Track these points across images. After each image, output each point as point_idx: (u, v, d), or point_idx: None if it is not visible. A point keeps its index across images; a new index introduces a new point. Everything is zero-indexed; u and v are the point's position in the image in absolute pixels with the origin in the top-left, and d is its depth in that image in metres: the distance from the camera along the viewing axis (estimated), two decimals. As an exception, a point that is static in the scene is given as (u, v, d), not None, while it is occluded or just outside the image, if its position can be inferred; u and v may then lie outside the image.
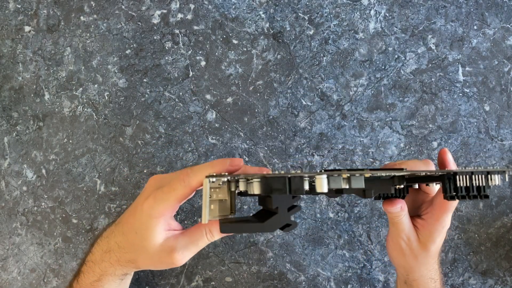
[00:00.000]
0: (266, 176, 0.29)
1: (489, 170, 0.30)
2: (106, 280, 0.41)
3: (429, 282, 0.47)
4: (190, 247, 0.38)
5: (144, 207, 0.38)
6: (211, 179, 0.29)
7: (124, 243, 0.39)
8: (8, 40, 0.61)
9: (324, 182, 0.29)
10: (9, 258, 0.58)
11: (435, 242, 0.44)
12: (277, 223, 0.30)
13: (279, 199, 0.30)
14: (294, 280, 0.59)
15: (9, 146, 0.60)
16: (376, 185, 0.34)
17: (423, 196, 0.46)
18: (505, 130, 0.62)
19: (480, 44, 0.63)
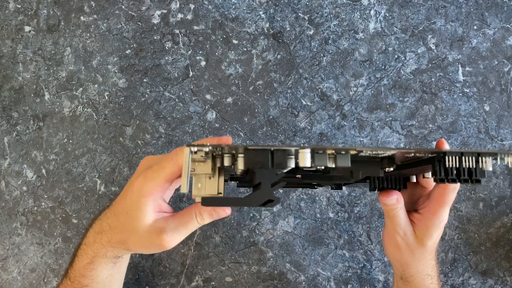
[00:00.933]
0: (249, 148, 0.29)
1: (479, 152, 0.30)
2: (98, 262, 0.41)
3: (425, 278, 0.46)
4: (180, 229, 0.37)
5: (134, 186, 0.37)
6: (192, 148, 0.29)
7: (115, 224, 0.39)
8: (8, 40, 0.61)
9: (308, 157, 0.28)
10: (9, 258, 0.58)
11: (432, 237, 0.43)
12: (260, 198, 0.29)
13: (262, 174, 0.30)
14: (294, 280, 0.59)
15: (9, 146, 0.60)
16: (365, 167, 0.33)
17: (420, 191, 0.45)
18: (505, 130, 0.62)
19: (480, 44, 0.63)
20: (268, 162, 0.28)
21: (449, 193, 0.42)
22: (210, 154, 0.31)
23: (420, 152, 0.30)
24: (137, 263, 0.58)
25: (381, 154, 0.31)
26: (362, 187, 0.61)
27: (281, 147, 0.28)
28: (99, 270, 0.41)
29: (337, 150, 0.29)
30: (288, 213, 0.60)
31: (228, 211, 0.38)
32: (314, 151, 0.29)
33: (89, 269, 0.41)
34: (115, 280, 0.44)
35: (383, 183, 0.42)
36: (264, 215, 0.60)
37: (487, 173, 0.30)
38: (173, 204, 0.60)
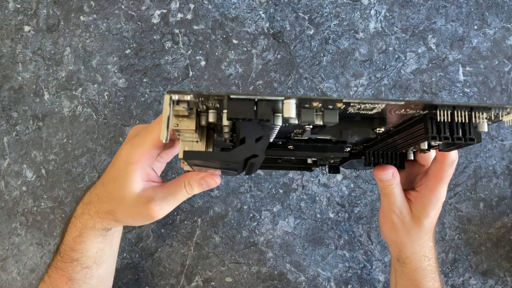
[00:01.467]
0: (232, 97, 0.27)
1: (472, 105, 0.28)
2: (86, 234, 0.40)
3: (422, 259, 0.44)
4: (168, 199, 0.36)
5: (121, 154, 0.36)
6: (172, 96, 0.27)
7: (103, 193, 0.38)
8: (8, 40, 0.61)
9: (293, 107, 0.27)
10: (8, 259, 0.58)
11: (429, 215, 0.42)
12: (244, 152, 0.28)
13: (247, 128, 0.28)
14: (294, 280, 0.59)
15: (8, 146, 0.60)
16: (354, 126, 0.32)
17: (418, 169, 0.44)
18: (505, 130, 0.62)
19: (480, 44, 0.63)
20: (251, 112, 0.27)
21: (446, 168, 0.40)
22: (194, 110, 0.30)
23: (409, 104, 0.28)
24: (136, 263, 0.58)
25: (370, 107, 0.29)
26: (363, 188, 0.60)
27: (266, 96, 0.27)
28: (88, 243, 0.40)
29: (324, 102, 0.28)
30: (288, 213, 0.60)
31: (218, 180, 0.37)
32: (300, 102, 0.28)
33: (78, 242, 0.40)
34: (106, 256, 0.42)
35: (378, 158, 0.40)
36: (264, 215, 0.60)
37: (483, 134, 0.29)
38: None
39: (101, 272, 0.42)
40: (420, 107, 0.29)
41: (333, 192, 0.61)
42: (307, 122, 0.28)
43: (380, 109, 0.29)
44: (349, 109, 0.29)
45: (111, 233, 0.41)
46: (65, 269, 0.41)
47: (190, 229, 0.59)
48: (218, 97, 0.27)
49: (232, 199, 0.60)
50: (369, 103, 0.28)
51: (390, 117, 0.31)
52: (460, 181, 0.61)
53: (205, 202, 0.60)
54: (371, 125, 0.32)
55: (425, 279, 0.44)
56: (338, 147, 0.38)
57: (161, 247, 0.59)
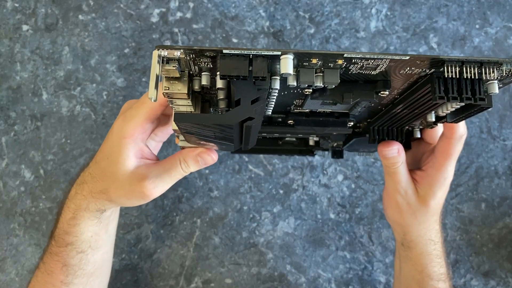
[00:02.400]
0: (224, 52, 0.25)
1: (482, 60, 0.26)
2: (80, 216, 0.38)
3: (428, 243, 0.42)
4: (163, 177, 0.35)
5: (114, 129, 0.35)
6: (161, 51, 0.25)
7: (96, 171, 0.36)
8: (6, 39, 0.61)
9: (290, 62, 0.25)
10: (6, 259, 0.58)
11: (436, 196, 0.40)
12: (239, 115, 0.26)
13: (241, 88, 0.26)
14: (294, 281, 0.58)
15: (6, 146, 0.59)
16: (357, 89, 0.30)
17: (424, 147, 0.42)
18: (507, 130, 0.61)
19: (482, 43, 0.62)
20: (246, 69, 0.25)
21: (455, 143, 0.38)
22: (186, 72, 0.28)
23: (415, 60, 0.26)
24: (135, 264, 0.58)
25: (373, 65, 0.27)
26: (364, 189, 0.60)
27: (261, 51, 0.25)
28: (83, 226, 0.38)
29: (324, 56, 0.26)
30: (289, 214, 0.60)
31: (215, 156, 0.35)
32: (299, 57, 0.26)
33: (72, 225, 0.38)
34: (102, 241, 0.41)
35: (383, 135, 0.39)
36: (264, 216, 0.59)
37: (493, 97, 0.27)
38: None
39: (97, 258, 0.41)
40: (426, 64, 0.27)
41: (333, 193, 0.60)
42: (306, 83, 0.27)
43: (383, 67, 0.28)
44: (351, 68, 0.28)
45: (106, 215, 0.40)
46: (60, 254, 0.39)
47: (189, 230, 0.59)
48: (210, 52, 0.25)
49: (232, 200, 0.59)
50: (371, 58, 0.26)
51: (394, 80, 0.30)
52: (462, 181, 0.61)
53: (205, 202, 0.59)
54: (374, 88, 0.30)
55: (431, 264, 0.43)
56: (340, 121, 0.37)
57: (160, 248, 0.58)
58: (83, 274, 0.40)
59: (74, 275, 0.40)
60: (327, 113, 0.37)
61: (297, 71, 0.27)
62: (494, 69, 0.26)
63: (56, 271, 0.40)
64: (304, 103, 0.33)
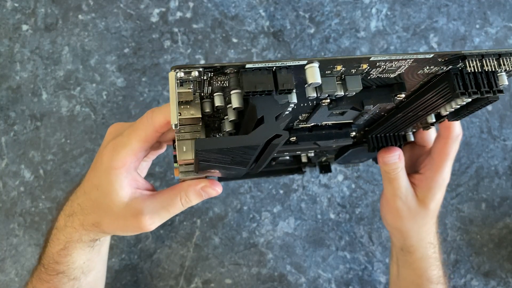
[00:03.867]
0: (247, 67, 0.24)
1: (500, 52, 0.26)
2: (72, 247, 0.36)
3: (428, 247, 0.43)
4: (160, 213, 0.33)
5: (103, 158, 0.32)
6: (178, 72, 0.24)
7: (86, 203, 0.34)
8: (6, 39, 0.61)
9: (317, 71, 0.24)
10: (6, 260, 0.58)
11: (435, 198, 0.40)
12: (265, 133, 0.24)
13: (264, 105, 0.25)
14: (294, 282, 0.58)
15: (6, 146, 0.59)
16: (374, 95, 0.30)
17: (419, 151, 0.43)
18: (507, 130, 0.61)
19: (482, 43, 0.62)
20: (271, 82, 0.24)
21: (451, 143, 0.39)
22: (197, 95, 0.27)
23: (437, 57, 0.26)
24: (135, 264, 0.58)
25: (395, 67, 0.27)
26: (364, 189, 0.60)
27: (286, 62, 0.24)
28: (75, 256, 0.37)
29: (349, 61, 0.25)
30: (289, 214, 0.59)
31: (219, 189, 0.33)
32: (323, 65, 0.25)
33: (63, 255, 0.37)
34: (95, 263, 0.39)
35: (382, 142, 0.39)
36: (264, 216, 0.59)
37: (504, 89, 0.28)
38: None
39: (90, 279, 0.40)
40: (445, 61, 0.27)
41: (334, 193, 0.60)
42: (329, 92, 0.26)
43: (404, 69, 0.28)
44: (372, 72, 0.27)
45: (99, 242, 0.38)
46: (51, 281, 0.38)
47: (189, 230, 0.59)
48: (232, 67, 0.24)
49: (232, 200, 0.59)
50: (396, 60, 0.26)
51: (408, 81, 0.30)
52: (462, 181, 0.61)
53: (205, 202, 0.59)
54: (391, 92, 0.30)
55: (430, 268, 0.43)
56: (343, 133, 0.37)
57: (160, 248, 0.58)
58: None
59: None
60: (330, 125, 0.37)
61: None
62: (510, 60, 0.27)
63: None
64: (310, 116, 0.32)
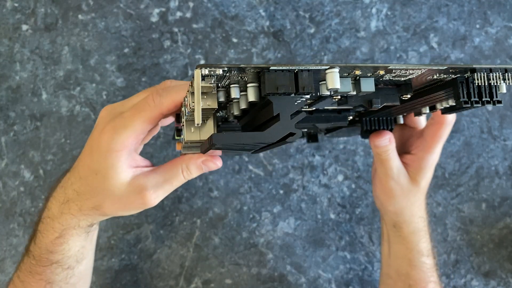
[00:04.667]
0: (270, 69, 0.25)
1: (507, 67, 0.28)
2: (69, 235, 0.36)
3: (419, 221, 0.45)
4: (164, 186, 0.33)
5: (101, 141, 0.31)
6: (203, 70, 0.24)
7: (84, 188, 0.33)
8: (6, 39, 0.61)
9: (337, 77, 0.25)
10: (6, 259, 0.58)
11: (426, 176, 0.43)
12: (280, 131, 0.25)
13: (281, 104, 0.26)
14: (294, 282, 0.58)
15: (6, 146, 0.59)
16: (383, 94, 0.31)
17: (409, 132, 0.45)
18: (508, 130, 0.61)
19: (482, 43, 0.62)
20: (292, 85, 0.25)
21: (445, 127, 0.41)
22: (215, 86, 0.27)
23: (450, 68, 0.28)
24: (135, 264, 0.58)
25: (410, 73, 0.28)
26: (364, 189, 0.60)
27: (308, 66, 0.25)
28: (71, 243, 0.36)
29: (364, 69, 0.26)
30: (289, 214, 0.59)
31: (219, 163, 0.34)
32: (341, 70, 0.26)
33: (58, 244, 0.36)
34: (87, 252, 0.39)
35: (374, 125, 0.41)
36: (264, 216, 0.59)
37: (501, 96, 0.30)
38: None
39: (82, 268, 0.39)
40: (455, 72, 0.29)
41: (334, 193, 0.60)
42: (344, 93, 0.27)
43: (415, 75, 0.29)
44: (386, 76, 0.29)
45: (94, 228, 0.38)
46: (43, 273, 0.37)
47: (189, 230, 0.59)
48: (256, 69, 0.25)
49: (231, 200, 0.59)
50: (412, 69, 0.27)
51: (415, 82, 0.31)
52: (462, 181, 0.61)
53: (205, 203, 0.59)
54: (398, 92, 0.31)
55: (421, 240, 0.45)
56: (342, 117, 0.38)
57: (160, 248, 0.58)
58: (67, 287, 0.39)
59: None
60: (330, 109, 0.38)
61: None
62: None
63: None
64: (314, 104, 0.33)
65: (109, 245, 0.58)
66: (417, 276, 0.45)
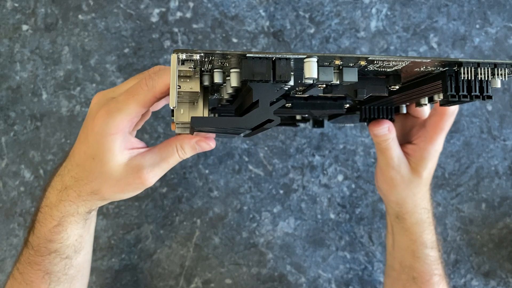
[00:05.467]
0: (247, 56, 0.25)
1: (496, 62, 0.28)
2: (68, 222, 0.36)
3: (422, 212, 0.44)
4: (160, 165, 0.33)
5: (96, 125, 0.32)
6: (180, 54, 0.24)
7: (81, 174, 0.34)
8: (6, 39, 0.61)
9: (314, 66, 0.25)
10: (6, 259, 0.58)
11: (427, 166, 0.42)
12: (257, 117, 0.26)
13: (260, 90, 0.26)
14: (294, 282, 0.58)
15: (6, 146, 0.59)
16: (369, 84, 0.31)
17: (412, 121, 0.44)
18: (507, 130, 0.61)
19: (482, 43, 0.62)
20: (270, 73, 0.25)
21: (447, 119, 0.40)
22: (198, 70, 0.28)
23: (435, 61, 0.27)
24: (135, 264, 0.58)
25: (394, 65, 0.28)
26: (364, 189, 0.60)
27: (286, 54, 0.25)
28: (69, 231, 0.36)
29: (345, 59, 0.26)
30: (289, 214, 0.59)
31: (213, 144, 0.35)
32: (320, 60, 0.26)
33: (56, 232, 0.36)
34: (85, 242, 0.39)
35: (373, 113, 0.40)
36: (264, 216, 0.59)
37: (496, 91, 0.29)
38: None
39: (80, 260, 0.39)
40: (442, 63, 0.28)
41: (334, 193, 0.60)
42: (326, 82, 0.27)
43: (401, 66, 0.28)
44: (369, 66, 0.28)
45: (92, 215, 0.38)
46: (41, 263, 0.37)
47: (189, 230, 0.59)
48: (232, 56, 0.25)
49: (231, 200, 0.59)
50: (394, 60, 0.27)
51: (405, 74, 0.31)
52: (462, 181, 0.61)
53: (205, 203, 0.59)
54: (386, 83, 0.31)
55: (425, 232, 0.44)
56: (338, 104, 0.38)
57: (160, 248, 0.58)
58: (66, 279, 0.39)
59: (57, 282, 0.38)
60: (325, 97, 0.38)
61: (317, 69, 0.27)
62: (506, 69, 0.28)
63: (36, 280, 0.38)
64: (306, 90, 0.33)
65: (109, 245, 0.58)
66: (421, 268, 0.44)
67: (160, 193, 0.59)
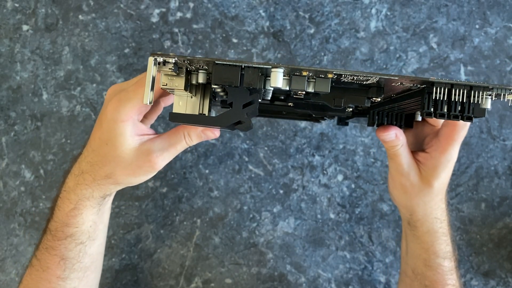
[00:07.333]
0: (217, 63, 0.26)
1: (472, 84, 0.26)
2: (83, 205, 0.38)
3: (434, 222, 0.43)
4: (169, 150, 0.36)
5: (108, 113, 0.35)
6: (157, 57, 0.26)
7: (96, 159, 0.36)
8: (6, 39, 0.61)
9: (280, 76, 0.26)
10: (7, 259, 0.58)
11: (440, 177, 0.41)
12: (229, 118, 0.28)
13: (234, 93, 0.28)
14: (294, 281, 0.58)
15: (7, 146, 0.59)
16: (349, 94, 0.31)
17: (427, 129, 0.43)
18: (507, 130, 0.61)
19: (482, 43, 0.62)
20: (237, 79, 0.27)
21: (459, 130, 0.39)
22: (184, 69, 0.29)
23: (404, 80, 0.27)
24: (135, 264, 0.58)
25: (361, 79, 0.28)
26: (364, 189, 0.60)
27: (253, 63, 0.26)
28: (84, 215, 0.39)
29: (315, 73, 0.27)
30: (289, 214, 0.60)
31: (217, 133, 0.37)
32: (291, 72, 0.27)
33: (73, 216, 0.38)
34: (99, 231, 0.41)
35: (383, 118, 0.39)
36: (264, 216, 0.59)
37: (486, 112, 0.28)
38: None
39: (94, 250, 0.41)
40: (417, 82, 0.28)
41: (333, 193, 0.60)
42: (298, 90, 0.28)
43: (374, 80, 0.28)
44: (343, 78, 0.29)
45: (106, 202, 0.41)
46: (58, 248, 0.39)
47: (189, 230, 0.59)
48: (203, 62, 0.27)
49: (232, 200, 0.59)
50: (361, 75, 0.27)
51: (388, 87, 0.30)
52: (462, 181, 0.61)
53: (205, 202, 0.59)
54: (367, 94, 0.31)
55: (437, 241, 0.43)
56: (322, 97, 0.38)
57: (160, 248, 0.58)
58: (80, 267, 0.40)
59: (71, 269, 0.40)
60: None
61: (289, 78, 0.28)
62: (484, 92, 0.27)
63: (52, 266, 0.40)
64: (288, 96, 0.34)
65: (110, 245, 0.58)
66: (433, 277, 0.44)
67: (160, 193, 0.59)
